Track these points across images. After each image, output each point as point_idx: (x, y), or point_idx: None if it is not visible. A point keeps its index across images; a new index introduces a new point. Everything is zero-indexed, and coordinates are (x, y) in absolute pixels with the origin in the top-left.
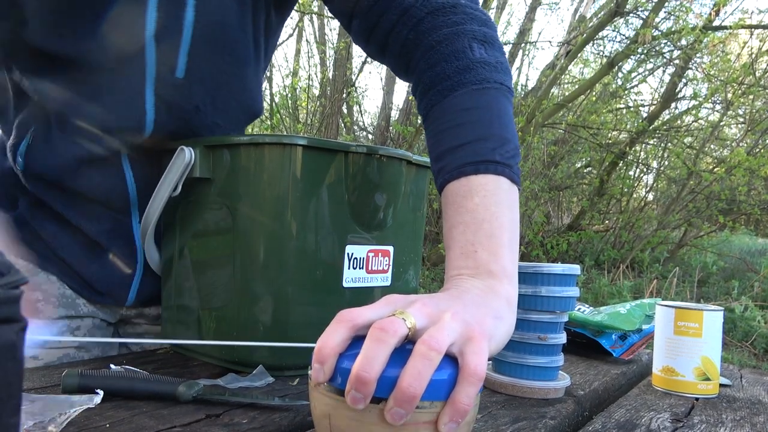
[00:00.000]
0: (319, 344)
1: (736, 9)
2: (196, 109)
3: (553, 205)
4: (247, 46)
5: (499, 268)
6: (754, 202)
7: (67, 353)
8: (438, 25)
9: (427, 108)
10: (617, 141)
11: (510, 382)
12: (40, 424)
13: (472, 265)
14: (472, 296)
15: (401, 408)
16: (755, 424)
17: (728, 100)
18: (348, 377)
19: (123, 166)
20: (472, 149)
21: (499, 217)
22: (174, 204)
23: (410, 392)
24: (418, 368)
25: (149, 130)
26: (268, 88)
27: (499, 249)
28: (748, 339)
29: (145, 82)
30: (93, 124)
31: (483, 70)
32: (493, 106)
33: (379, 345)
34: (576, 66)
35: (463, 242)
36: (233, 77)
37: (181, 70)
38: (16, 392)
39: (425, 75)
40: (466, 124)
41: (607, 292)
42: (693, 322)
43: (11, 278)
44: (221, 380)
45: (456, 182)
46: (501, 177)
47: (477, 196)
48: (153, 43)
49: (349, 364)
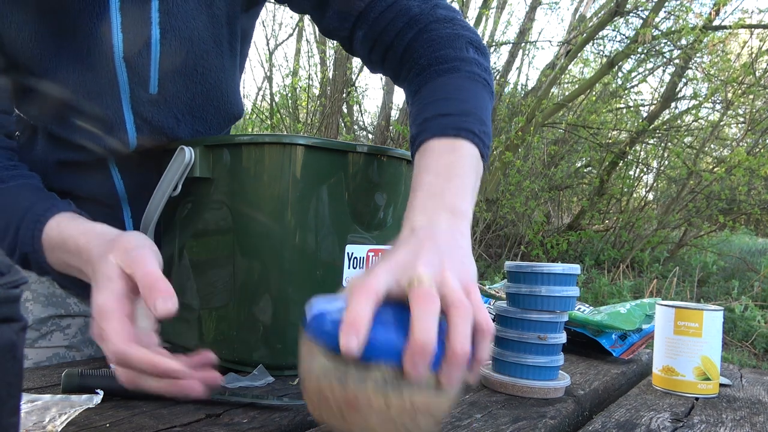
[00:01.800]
0: (351, 316)
1: (736, 9)
2: (176, 121)
3: (553, 204)
4: (220, 55)
5: (462, 210)
6: (754, 202)
7: (57, 353)
8: (440, 28)
9: (421, 84)
10: (617, 141)
11: (510, 382)
12: (40, 424)
13: (439, 204)
14: (446, 240)
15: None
16: (755, 424)
17: (728, 100)
18: (382, 347)
19: (110, 168)
20: (457, 119)
21: (467, 175)
22: (174, 204)
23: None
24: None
25: (133, 145)
26: (268, 87)
27: (465, 195)
28: (748, 339)
29: (121, 103)
30: (78, 140)
31: (476, 67)
32: (480, 97)
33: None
34: (576, 66)
35: (432, 184)
36: (209, 86)
37: (154, 86)
38: (15, 392)
39: (423, 58)
40: (456, 100)
41: (607, 292)
42: (693, 321)
43: (11, 278)
44: (221, 380)
45: (436, 140)
46: (476, 148)
47: (453, 154)
48: (123, 65)
49: (383, 334)
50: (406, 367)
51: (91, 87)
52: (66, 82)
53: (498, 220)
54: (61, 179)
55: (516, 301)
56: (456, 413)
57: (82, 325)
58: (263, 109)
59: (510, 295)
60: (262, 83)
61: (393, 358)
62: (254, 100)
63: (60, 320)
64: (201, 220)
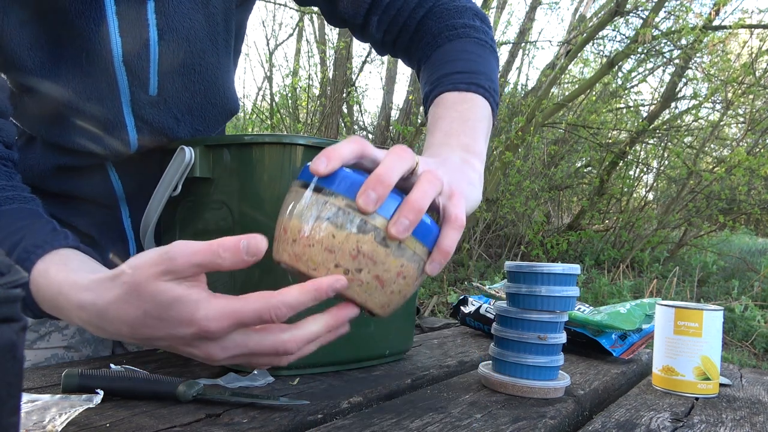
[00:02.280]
0: (329, 150)
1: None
2: (175, 121)
3: (553, 204)
4: (216, 53)
5: (476, 150)
6: (754, 202)
7: (55, 353)
8: (448, 2)
9: (433, 49)
10: (617, 140)
11: (510, 382)
12: (40, 424)
13: (454, 143)
14: (451, 164)
15: (406, 218)
16: (755, 424)
17: (728, 100)
18: (347, 182)
19: (108, 169)
20: (468, 76)
21: (480, 121)
22: (174, 204)
23: (418, 205)
24: (425, 188)
25: (134, 147)
26: (268, 87)
27: (478, 138)
28: (748, 339)
29: (122, 106)
30: (78, 145)
31: (483, 35)
32: (487, 59)
33: (399, 160)
34: (576, 65)
35: (448, 128)
36: (207, 85)
37: (153, 87)
38: (15, 392)
39: (434, 28)
40: (468, 61)
41: (607, 292)
42: (693, 321)
43: (11, 278)
44: (221, 380)
45: (449, 93)
46: (487, 102)
47: (466, 104)
48: (123, 68)
49: (351, 173)
50: (358, 198)
51: (91, 92)
52: (66, 87)
53: (498, 220)
54: (59, 182)
55: (516, 301)
56: (456, 413)
57: (80, 326)
58: (263, 109)
59: (510, 295)
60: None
61: (350, 193)
62: (254, 100)
63: (58, 321)
64: (201, 220)
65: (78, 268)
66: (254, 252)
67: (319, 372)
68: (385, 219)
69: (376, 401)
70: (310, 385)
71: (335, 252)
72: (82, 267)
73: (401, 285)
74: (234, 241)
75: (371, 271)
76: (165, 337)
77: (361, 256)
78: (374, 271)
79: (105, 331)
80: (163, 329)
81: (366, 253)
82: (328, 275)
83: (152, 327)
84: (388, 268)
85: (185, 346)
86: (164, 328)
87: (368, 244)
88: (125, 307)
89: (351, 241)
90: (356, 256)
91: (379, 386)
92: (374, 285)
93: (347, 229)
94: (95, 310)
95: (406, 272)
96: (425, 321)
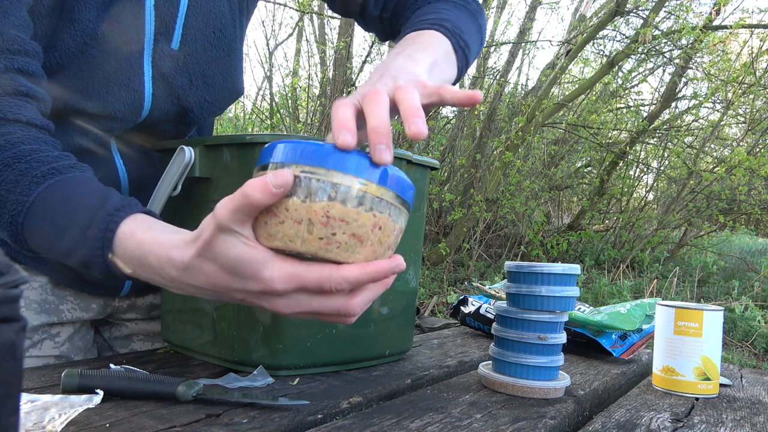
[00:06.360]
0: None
1: (737, 8)
2: (189, 82)
3: (553, 204)
4: (234, 25)
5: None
6: (755, 202)
7: (47, 363)
8: None
9: (413, 10)
10: (617, 141)
11: (510, 382)
12: (39, 424)
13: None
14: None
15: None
16: (755, 424)
17: (728, 100)
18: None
19: (114, 157)
20: (432, 19)
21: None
22: (174, 204)
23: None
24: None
25: (147, 106)
26: (268, 87)
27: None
28: (748, 339)
29: (143, 53)
30: (91, 106)
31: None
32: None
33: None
34: (576, 65)
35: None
36: (223, 53)
37: (176, 41)
38: (15, 392)
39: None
40: (438, 12)
41: (607, 292)
42: (693, 321)
43: (11, 278)
44: (221, 380)
45: (415, 31)
46: (448, 40)
47: (422, 36)
48: (153, 12)
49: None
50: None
51: (119, 34)
52: (93, 30)
53: (498, 220)
54: None
55: (516, 301)
56: (456, 413)
57: (71, 333)
58: (263, 109)
59: (510, 295)
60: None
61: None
62: (254, 100)
63: (50, 328)
64: (201, 220)
65: (163, 230)
66: (281, 183)
67: (319, 372)
68: (344, 174)
69: (376, 401)
70: (310, 385)
71: (303, 222)
72: (165, 228)
73: (380, 235)
74: (261, 178)
75: (346, 231)
76: (239, 289)
77: (332, 220)
78: (349, 230)
79: (192, 287)
80: (236, 283)
81: (335, 216)
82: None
83: (227, 281)
84: (362, 223)
85: (256, 299)
86: (236, 282)
87: (335, 208)
88: (205, 263)
89: (318, 209)
90: (327, 223)
91: (379, 386)
92: (353, 242)
93: (314, 199)
94: (183, 266)
95: (381, 222)
96: (425, 321)
